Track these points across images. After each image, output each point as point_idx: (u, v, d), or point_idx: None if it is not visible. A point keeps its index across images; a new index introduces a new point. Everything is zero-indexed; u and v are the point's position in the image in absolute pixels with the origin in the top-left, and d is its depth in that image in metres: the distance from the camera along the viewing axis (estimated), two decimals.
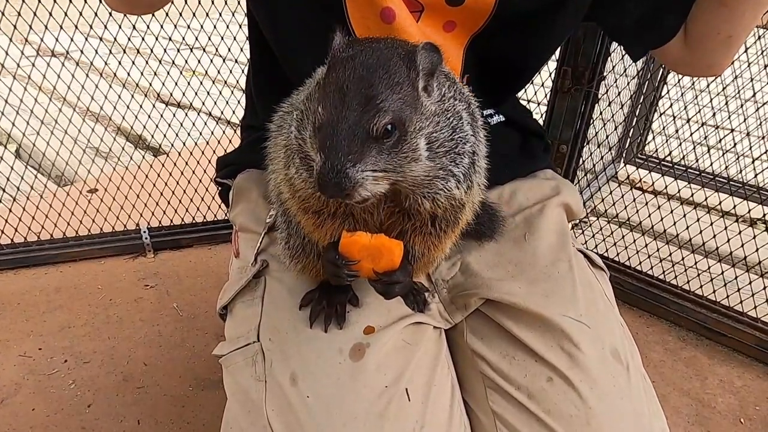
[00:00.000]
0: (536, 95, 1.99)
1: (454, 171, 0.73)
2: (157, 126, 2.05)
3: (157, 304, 1.87)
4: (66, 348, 1.68)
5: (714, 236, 1.86)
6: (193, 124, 2.09)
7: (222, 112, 2.21)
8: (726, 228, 1.86)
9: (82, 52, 1.79)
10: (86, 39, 1.81)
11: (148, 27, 1.79)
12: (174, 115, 2.04)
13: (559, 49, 1.69)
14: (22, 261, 1.99)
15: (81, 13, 1.69)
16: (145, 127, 2.06)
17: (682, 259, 1.92)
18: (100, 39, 1.88)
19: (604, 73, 1.77)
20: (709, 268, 1.87)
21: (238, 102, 1.96)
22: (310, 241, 0.83)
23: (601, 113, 1.93)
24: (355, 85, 0.61)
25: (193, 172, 2.12)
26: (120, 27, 1.76)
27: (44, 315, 1.80)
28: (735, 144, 2.00)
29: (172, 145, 2.09)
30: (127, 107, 1.99)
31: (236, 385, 0.85)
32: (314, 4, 0.90)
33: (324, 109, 0.62)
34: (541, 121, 1.82)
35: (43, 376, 1.58)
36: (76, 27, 1.71)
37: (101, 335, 1.73)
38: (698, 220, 1.90)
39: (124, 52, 1.90)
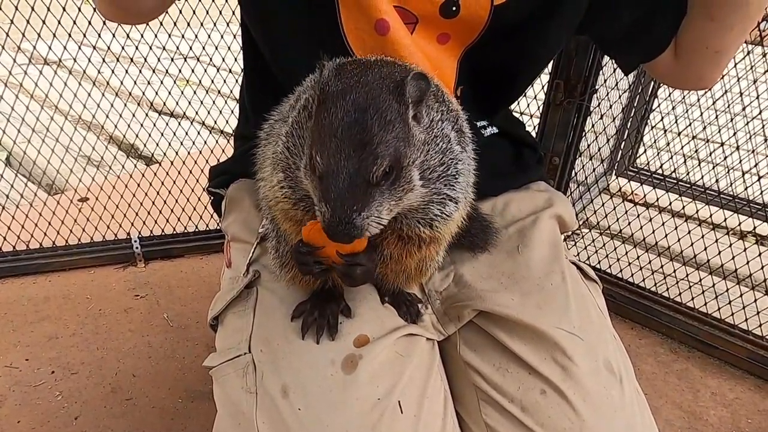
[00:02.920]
0: (529, 108, 2.00)
1: (451, 195, 0.74)
2: (149, 135, 2.04)
3: (147, 315, 1.85)
4: (53, 359, 1.65)
5: (705, 249, 1.87)
6: (186, 133, 2.09)
7: (215, 122, 2.21)
8: (717, 240, 1.87)
9: (75, 60, 1.78)
10: (79, 47, 1.80)
11: (142, 36, 1.79)
12: (167, 124, 2.04)
13: (551, 62, 1.70)
14: (11, 270, 1.97)
15: (75, 22, 1.69)
16: (137, 135, 2.05)
17: (674, 271, 1.93)
18: (94, 47, 1.87)
19: (596, 87, 1.79)
20: (700, 280, 1.88)
21: (232, 111, 1.96)
22: None
23: (593, 126, 1.95)
24: (349, 130, 0.63)
25: (186, 181, 2.11)
26: (114, 36, 1.76)
27: (32, 325, 1.77)
28: (725, 157, 2.02)
29: (165, 154, 2.09)
30: (120, 116, 1.98)
31: (227, 397, 0.83)
32: (309, 15, 0.90)
33: (322, 158, 0.63)
34: (533, 134, 1.83)
35: (29, 388, 1.55)
36: (70, 35, 1.71)
37: (90, 346, 1.71)
38: (689, 232, 1.91)
39: (118, 60, 1.89)
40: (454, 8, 0.87)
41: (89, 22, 1.68)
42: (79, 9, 1.67)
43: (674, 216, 2.00)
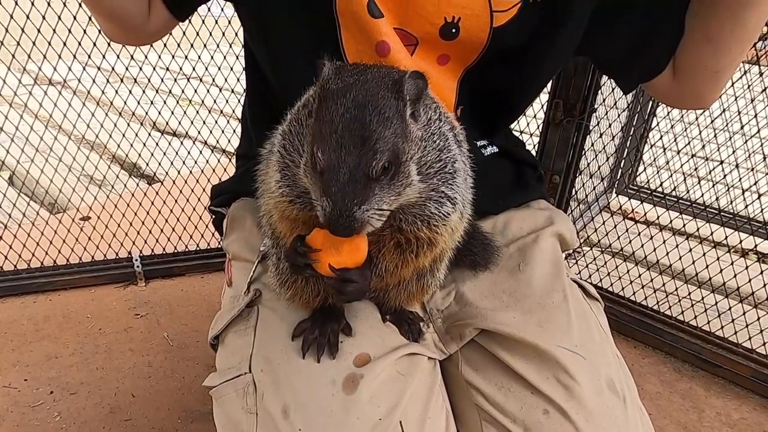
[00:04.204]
0: (529, 126, 2.02)
1: (447, 193, 0.75)
2: (152, 154, 2.06)
3: (147, 334, 1.84)
4: (52, 379, 1.64)
5: (707, 267, 1.87)
6: (188, 152, 2.10)
7: (217, 141, 2.22)
8: (718, 258, 1.87)
9: (79, 80, 1.80)
10: (84, 68, 1.83)
11: (145, 57, 1.81)
12: (169, 144, 2.05)
13: (551, 81, 1.72)
14: (11, 289, 1.97)
15: (80, 43, 1.71)
16: (140, 155, 2.06)
17: (676, 289, 1.93)
18: (98, 68, 1.90)
19: (595, 106, 1.80)
20: (702, 298, 1.87)
21: (234, 131, 1.97)
22: None
23: (592, 144, 1.96)
24: (349, 126, 0.64)
25: (187, 200, 2.12)
26: (118, 56, 1.79)
27: (31, 344, 1.76)
28: (725, 175, 2.02)
29: (167, 173, 2.10)
30: (123, 135, 2.00)
31: (227, 418, 0.83)
32: (311, 37, 0.92)
33: (323, 153, 0.65)
34: (533, 152, 1.84)
35: (27, 408, 1.54)
36: (74, 56, 1.73)
37: (89, 366, 1.70)
38: (690, 250, 1.91)
39: (121, 81, 1.92)
40: (453, 30, 0.89)
41: (94, 44, 1.70)
42: (84, 31, 1.69)
43: (675, 234, 2.00)
